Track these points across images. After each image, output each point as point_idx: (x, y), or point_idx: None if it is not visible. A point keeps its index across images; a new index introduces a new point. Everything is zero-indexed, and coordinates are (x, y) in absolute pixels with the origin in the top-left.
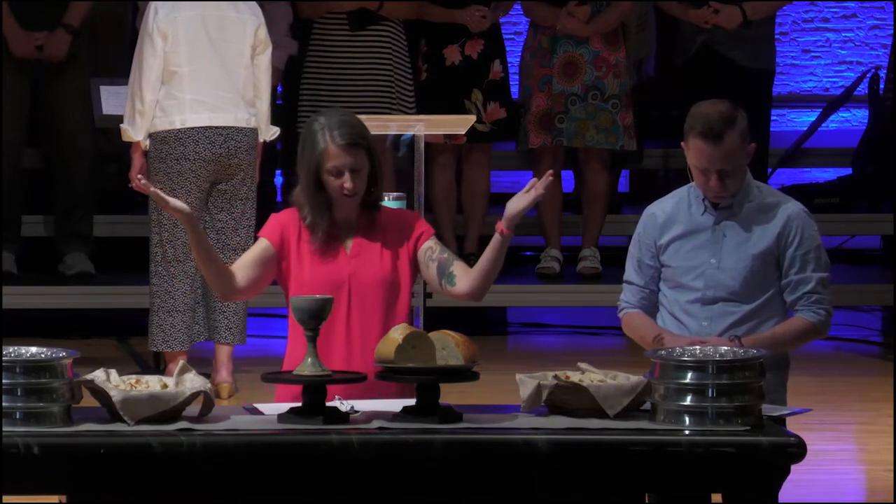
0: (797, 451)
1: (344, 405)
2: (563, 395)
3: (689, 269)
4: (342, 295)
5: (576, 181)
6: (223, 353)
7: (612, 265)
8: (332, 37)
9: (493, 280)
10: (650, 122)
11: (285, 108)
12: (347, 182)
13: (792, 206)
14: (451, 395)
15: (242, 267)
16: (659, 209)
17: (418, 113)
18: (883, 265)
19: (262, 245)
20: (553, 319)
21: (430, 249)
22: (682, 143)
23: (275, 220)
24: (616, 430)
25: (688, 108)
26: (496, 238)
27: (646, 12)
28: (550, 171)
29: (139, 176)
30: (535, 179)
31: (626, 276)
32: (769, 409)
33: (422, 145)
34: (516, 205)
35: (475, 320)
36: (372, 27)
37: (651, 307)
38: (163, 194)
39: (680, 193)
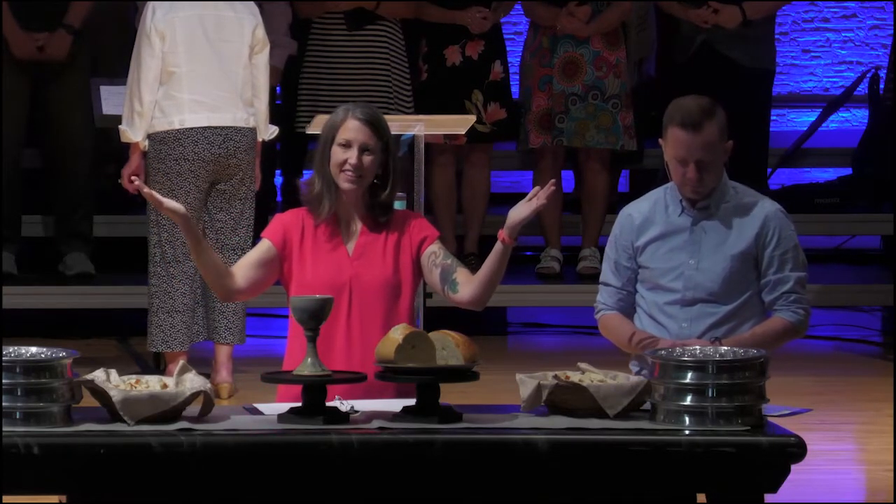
0: (797, 451)
1: (344, 405)
2: (563, 395)
3: (667, 271)
4: (343, 297)
5: (576, 181)
6: (223, 353)
7: None
8: (329, 36)
9: (495, 287)
10: (650, 122)
11: (284, 107)
12: (353, 157)
13: (769, 206)
14: (451, 395)
15: (244, 267)
16: (635, 210)
17: (419, 113)
18: (883, 265)
19: (264, 246)
20: (553, 319)
21: (434, 254)
22: (660, 140)
23: (278, 221)
24: (616, 430)
25: None
26: (498, 247)
27: (646, 12)
28: (553, 181)
29: (133, 178)
30: (537, 188)
31: (602, 278)
32: (769, 409)
33: (422, 145)
34: (518, 214)
35: (475, 320)
36: (369, 27)
37: (628, 308)
38: (157, 195)
39: (656, 195)
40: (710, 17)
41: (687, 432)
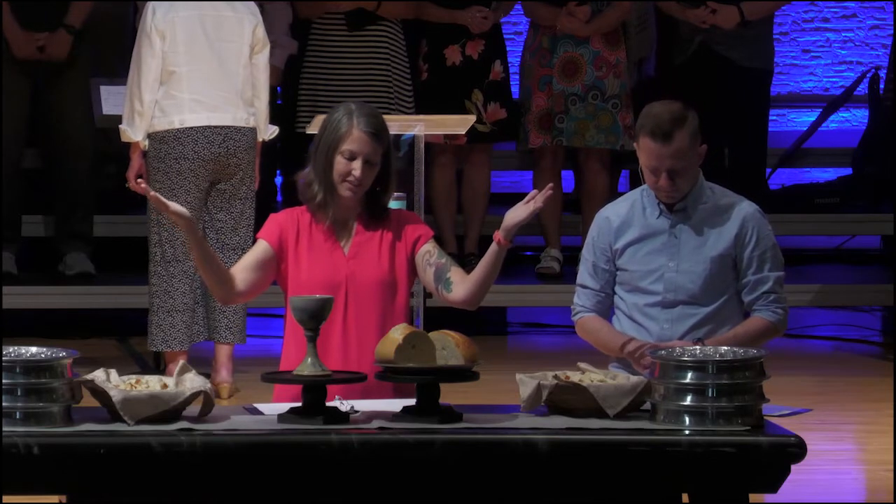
0: (797, 451)
1: (344, 405)
2: (563, 395)
3: (647, 273)
4: (339, 296)
5: (576, 181)
6: (223, 352)
7: None
8: (330, 37)
9: (489, 288)
10: None
11: (284, 107)
12: (357, 170)
13: (746, 207)
14: (451, 395)
15: (242, 270)
16: (612, 213)
17: (419, 113)
18: (883, 265)
19: (260, 247)
20: (553, 319)
21: (429, 253)
22: (634, 144)
23: (273, 222)
24: (616, 430)
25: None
26: (493, 248)
27: (646, 12)
28: (551, 185)
29: (139, 180)
30: (535, 191)
31: (579, 280)
32: (769, 409)
33: (422, 145)
34: (515, 216)
35: (475, 320)
36: (370, 27)
37: (605, 311)
38: (163, 199)
39: (633, 196)
40: (708, 18)
41: (687, 432)
